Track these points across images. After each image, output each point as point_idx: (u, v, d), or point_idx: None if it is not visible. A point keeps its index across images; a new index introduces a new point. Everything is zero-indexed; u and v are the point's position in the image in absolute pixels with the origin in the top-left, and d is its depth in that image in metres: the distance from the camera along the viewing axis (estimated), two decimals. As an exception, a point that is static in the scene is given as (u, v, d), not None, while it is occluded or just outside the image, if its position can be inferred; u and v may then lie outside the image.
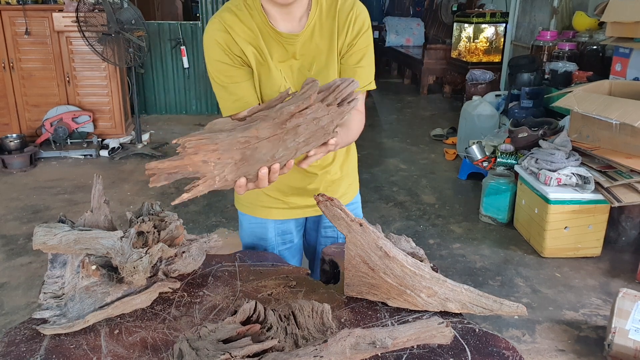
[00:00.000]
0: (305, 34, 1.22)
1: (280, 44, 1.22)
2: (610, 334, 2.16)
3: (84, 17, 4.39)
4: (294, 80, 1.26)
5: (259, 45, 1.22)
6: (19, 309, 2.52)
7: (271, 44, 1.22)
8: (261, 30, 1.21)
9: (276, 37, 1.21)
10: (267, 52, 1.22)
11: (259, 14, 1.21)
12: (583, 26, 4.66)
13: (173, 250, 1.10)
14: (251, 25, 1.21)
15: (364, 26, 1.24)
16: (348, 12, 1.23)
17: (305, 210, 1.47)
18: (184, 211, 3.65)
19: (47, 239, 1.05)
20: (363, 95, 1.30)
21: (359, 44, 1.25)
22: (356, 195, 1.55)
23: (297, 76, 1.26)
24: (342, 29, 1.23)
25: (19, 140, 4.54)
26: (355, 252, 1.06)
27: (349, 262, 1.08)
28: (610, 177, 2.91)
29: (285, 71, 1.25)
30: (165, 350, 0.94)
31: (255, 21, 1.21)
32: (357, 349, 0.82)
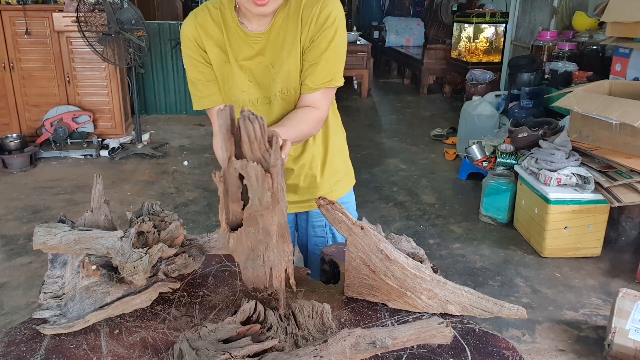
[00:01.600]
0: (271, 32, 1.23)
1: (247, 43, 1.24)
2: (610, 334, 2.16)
3: (84, 17, 4.39)
4: (260, 76, 1.27)
5: (224, 45, 1.24)
6: (19, 309, 2.52)
7: (238, 43, 1.24)
8: (229, 29, 1.24)
9: (243, 37, 1.23)
10: (233, 52, 1.24)
11: (230, 13, 1.23)
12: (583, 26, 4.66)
13: (173, 250, 1.10)
14: (219, 24, 1.24)
15: (329, 20, 1.20)
16: (312, 7, 1.21)
17: (292, 206, 1.47)
18: (184, 211, 3.65)
19: (47, 239, 1.05)
20: (323, 92, 1.26)
21: (321, 38, 1.21)
22: (347, 193, 1.53)
23: (263, 73, 1.27)
24: (305, 23, 1.22)
25: (19, 140, 4.54)
26: (356, 254, 1.06)
27: (349, 264, 1.08)
28: (610, 177, 2.91)
29: (252, 69, 1.26)
30: (165, 350, 0.94)
31: (225, 20, 1.24)
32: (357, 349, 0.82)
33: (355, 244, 1.05)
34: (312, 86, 1.24)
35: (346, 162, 1.54)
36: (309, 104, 1.26)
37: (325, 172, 1.45)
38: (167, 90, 6.46)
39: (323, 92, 1.26)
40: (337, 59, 1.24)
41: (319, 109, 1.26)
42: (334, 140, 1.46)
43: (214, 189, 4.16)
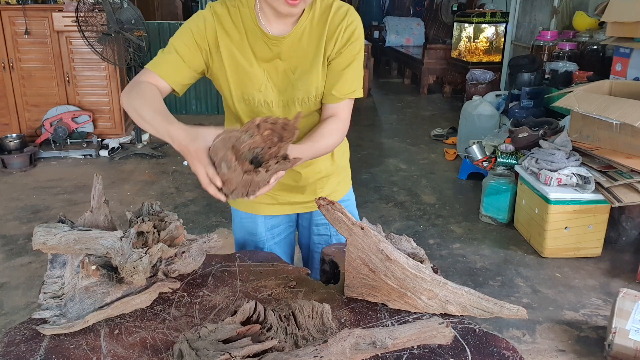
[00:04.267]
0: (292, 37, 1.22)
1: (266, 45, 1.22)
2: (611, 334, 2.16)
3: (84, 17, 4.39)
4: (278, 80, 1.26)
5: (242, 44, 1.23)
6: (19, 309, 2.52)
7: (257, 43, 1.23)
8: (247, 28, 1.22)
9: (262, 37, 1.22)
10: (251, 51, 1.23)
11: (250, 12, 1.22)
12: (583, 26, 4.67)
13: (173, 250, 1.10)
14: (238, 23, 1.22)
15: (354, 35, 1.24)
16: (340, 21, 1.23)
17: (295, 206, 1.47)
18: (184, 211, 3.64)
19: (47, 239, 1.05)
20: (346, 103, 1.28)
21: (347, 52, 1.24)
22: (348, 192, 1.54)
23: (282, 78, 1.26)
24: (332, 36, 1.23)
25: (18, 140, 4.54)
26: (356, 254, 1.06)
27: (349, 264, 1.08)
28: (611, 177, 2.91)
29: (269, 71, 1.25)
30: (165, 350, 0.94)
31: (243, 19, 1.22)
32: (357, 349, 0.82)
33: (355, 244, 1.05)
34: (338, 96, 1.25)
35: (347, 161, 1.55)
36: (332, 113, 1.27)
37: (332, 172, 1.46)
38: (167, 90, 6.45)
39: (346, 102, 1.28)
40: (360, 72, 1.28)
41: (341, 119, 1.28)
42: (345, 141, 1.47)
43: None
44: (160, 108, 1.10)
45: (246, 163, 0.94)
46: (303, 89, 1.25)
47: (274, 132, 0.94)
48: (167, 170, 4.57)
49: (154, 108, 1.10)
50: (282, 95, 1.27)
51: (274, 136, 0.95)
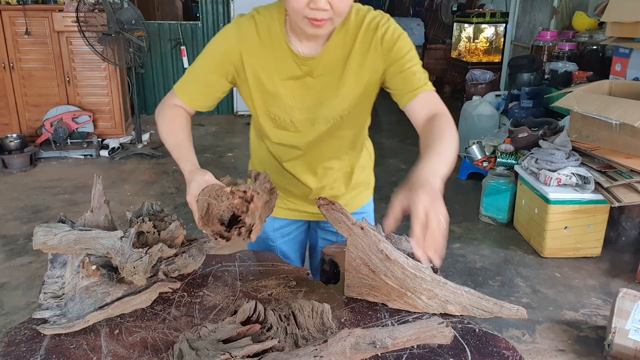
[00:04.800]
0: (323, 57, 1.17)
1: (295, 64, 1.18)
2: (610, 334, 2.16)
3: (84, 17, 4.39)
4: (306, 98, 1.21)
5: (267, 64, 1.18)
6: (19, 309, 2.52)
7: (286, 61, 1.18)
8: (276, 46, 1.17)
9: (292, 56, 1.18)
10: (278, 70, 1.19)
11: (280, 29, 1.16)
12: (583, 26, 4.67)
13: (173, 250, 1.10)
14: (266, 41, 1.17)
15: (393, 38, 1.16)
16: (372, 36, 1.17)
17: (303, 214, 1.47)
18: (184, 211, 3.65)
19: (47, 239, 1.05)
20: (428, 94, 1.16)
21: (395, 56, 1.16)
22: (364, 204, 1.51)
23: (311, 95, 1.21)
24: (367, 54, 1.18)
25: (19, 140, 4.54)
26: (356, 254, 1.06)
27: (349, 264, 1.08)
28: (610, 177, 2.91)
29: (297, 89, 1.21)
30: (165, 350, 0.94)
31: (272, 36, 1.17)
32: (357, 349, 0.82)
33: (355, 244, 1.05)
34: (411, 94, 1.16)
35: (368, 175, 1.51)
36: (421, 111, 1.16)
37: (347, 191, 1.44)
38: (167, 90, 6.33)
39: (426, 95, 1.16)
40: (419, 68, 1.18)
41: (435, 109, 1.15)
42: (360, 157, 1.43)
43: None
44: (180, 140, 1.19)
45: (216, 224, 1.02)
46: (330, 107, 1.22)
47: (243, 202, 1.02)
48: (167, 170, 4.57)
49: (176, 140, 1.19)
50: (308, 114, 1.23)
51: (243, 205, 1.02)
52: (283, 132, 1.28)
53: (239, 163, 4.73)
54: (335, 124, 1.25)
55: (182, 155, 1.15)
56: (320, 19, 1.04)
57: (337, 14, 1.05)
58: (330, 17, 1.05)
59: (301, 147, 1.30)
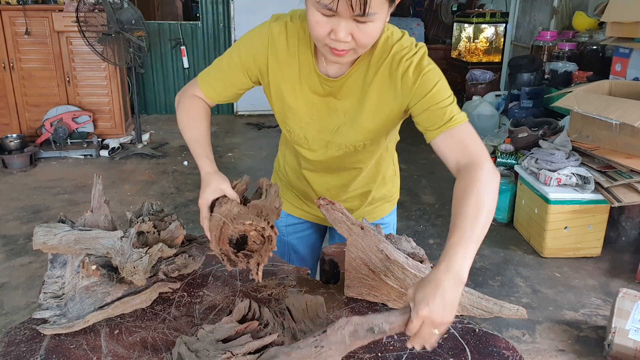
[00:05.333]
0: (346, 80, 1.13)
1: (318, 82, 1.15)
2: (610, 334, 2.16)
3: (84, 17, 4.39)
4: (325, 117, 1.18)
5: (290, 76, 1.16)
6: (19, 309, 2.52)
7: (310, 77, 1.15)
8: (302, 61, 1.14)
9: (315, 75, 1.14)
10: (300, 85, 1.16)
11: (310, 43, 1.12)
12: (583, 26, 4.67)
13: (173, 250, 1.10)
14: (293, 52, 1.14)
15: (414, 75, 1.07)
16: (397, 67, 1.09)
17: (318, 218, 1.46)
18: (184, 211, 3.65)
19: (47, 239, 1.05)
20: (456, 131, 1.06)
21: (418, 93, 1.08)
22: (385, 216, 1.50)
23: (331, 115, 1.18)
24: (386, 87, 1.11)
25: (19, 140, 4.54)
26: (356, 254, 1.06)
27: (349, 264, 1.08)
28: (610, 177, 2.91)
29: (319, 105, 1.17)
30: (166, 350, 0.94)
31: (299, 49, 1.13)
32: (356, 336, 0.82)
33: (355, 244, 1.05)
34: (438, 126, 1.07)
35: (390, 190, 1.49)
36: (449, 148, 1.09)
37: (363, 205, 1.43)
38: (167, 90, 6.47)
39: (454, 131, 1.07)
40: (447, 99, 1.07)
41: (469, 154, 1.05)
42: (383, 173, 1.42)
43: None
44: (200, 134, 1.21)
45: (226, 244, 1.05)
46: (344, 134, 1.18)
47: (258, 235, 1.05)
48: (167, 170, 4.57)
49: (193, 134, 1.21)
50: (323, 134, 1.20)
51: (257, 237, 1.05)
52: (297, 147, 1.28)
53: (239, 163, 4.73)
54: (348, 152, 1.22)
55: (200, 152, 1.18)
56: (342, 49, 1.00)
57: (359, 45, 1.00)
58: (353, 48, 1.00)
59: (314, 164, 1.30)
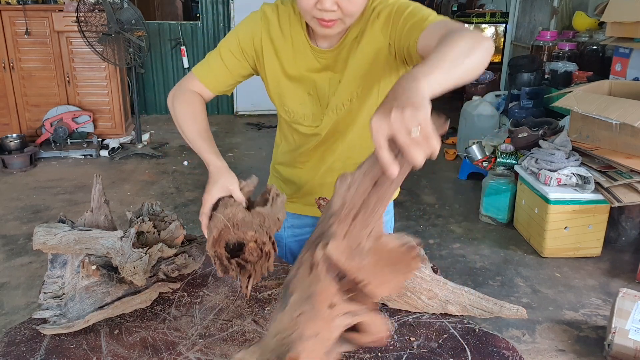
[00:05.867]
0: (339, 50, 1.15)
1: (314, 57, 1.17)
2: (610, 334, 2.16)
3: (84, 17, 4.39)
4: (323, 91, 1.19)
5: (286, 56, 1.18)
6: (19, 309, 2.52)
7: (305, 53, 1.17)
8: (295, 38, 1.17)
9: (309, 49, 1.17)
10: (296, 63, 1.18)
11: (301, 21, 1.15)
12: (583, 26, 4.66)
13: (173, 250, 1.10)
14: (286, 32, 1.17)
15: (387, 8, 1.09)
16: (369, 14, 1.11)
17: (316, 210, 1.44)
18: (184, 211, 3.65)
19: (47, 239, 1.05)
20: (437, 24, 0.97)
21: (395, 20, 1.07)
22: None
23: (327, 87, 1.19)
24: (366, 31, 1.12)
25: (19, 140, 4.54)
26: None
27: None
28: (610, 177, 2.91)
29: (317, 82, 1.19)
30: (166, 350, 0.94)
31: (292, 28, 1.16)
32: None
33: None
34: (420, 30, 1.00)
35: None
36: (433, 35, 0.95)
37: None
38: (167, 90, 6.44)
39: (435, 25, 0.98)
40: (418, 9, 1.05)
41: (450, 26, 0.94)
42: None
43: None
44: (202, 128, 1.16)
45: (222, 247, 1.01)
46: (339, 93, 1.19)
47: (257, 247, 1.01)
48: (167, 170, 4.57)
49: (197, 128, 1.16)
50: (322, 107, 1.21)
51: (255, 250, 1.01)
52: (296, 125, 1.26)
53: (239, 163, 4.73)
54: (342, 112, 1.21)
55: (205, 146, 1.13)
56: (329, 19, 1.03)
57: (346, 14, 1.03)
58: (340, 18, 1.03)
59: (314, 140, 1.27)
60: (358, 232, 0.67)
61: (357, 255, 0.66)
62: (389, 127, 0.64)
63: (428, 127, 0.65)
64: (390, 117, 0.64)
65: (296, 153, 1.34)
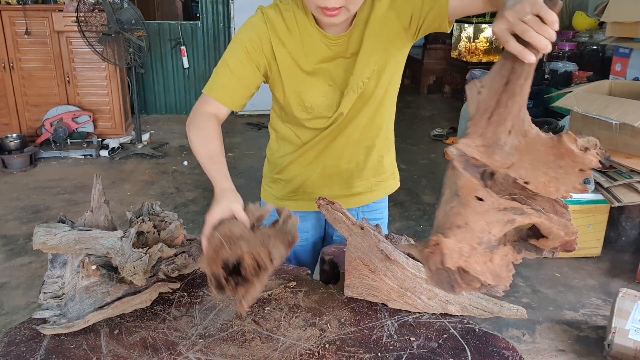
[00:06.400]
0: (351, 35, 1.16)
1: (326, 45, 1.17)
2: (610, 334, 2.16)
3: (84, 17, 4.39)
4: (340, 78, 1.20)
5: (297, 50, 1.17)
6: (19, 309, 2.52)
7: (315, 44, 1.17)
8: (304, 32, 1.17)
9: (321, 38, 1.17)
10: (307, 56, 1.17)
11: (306, 14, 1.16)
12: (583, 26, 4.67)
13: (173, 250, 1.10)
14: (293, 29, 1.17)
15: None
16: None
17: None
18: (184, 211, 3.65)
19: (47, 239, 1.05)
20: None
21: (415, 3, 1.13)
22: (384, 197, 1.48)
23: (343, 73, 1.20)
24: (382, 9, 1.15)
25: (19, 140, 4.54)
26: (356, 254, 1.06)
27: (349, 264, 1.08)
28: (610, 177, 2.91)
29: (332, 71, 1.20)
30: (166, 350, 0.94)
31: (298, 23, 1.16)
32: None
33: (355, 244, 1.05)
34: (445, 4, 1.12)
35: (390, 161, 1.48)
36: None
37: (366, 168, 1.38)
38: (167, 90, 6.46)
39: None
40: None
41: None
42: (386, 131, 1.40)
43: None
44: (213, 152, 1.13)
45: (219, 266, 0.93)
46: (357, 74, 1.19)
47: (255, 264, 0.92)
48: (167, 170, 4.57)
49: (208, 153, 1.13)
50: (342, 94, 1.21)
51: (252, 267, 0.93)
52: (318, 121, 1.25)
53: (239, 163, 4.73)
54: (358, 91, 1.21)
55: (216, 169, 1.09)
56: (332, 7, 1.03)
57: (349, 1, 1.03)
58: (343, 5, 1.04)
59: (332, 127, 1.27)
60: (495, 129, 0.71)
61: (499, 152, 0.70)
62: (507, 23, 0.72)
63: (540, 10, 0.72)
64: (505, 15, 0.73)
65: (301, 150, 1.33)
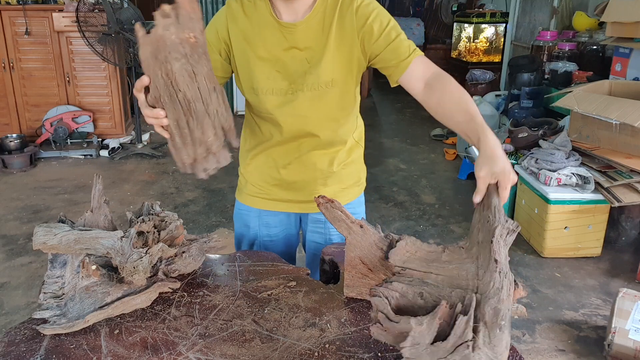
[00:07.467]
0: (305, 24, 1.22)
1: (281, 33, 1.23)
2: (610, 334, 2.16)
3: (84, 17, 4.39)
4: (293, 69, 1.25)
5: (253, 37, 1.24)
6: (19, 309, 2.52)
7: (272, 33, 1.24)
8: (262, 21, 1.24)
9: (277, 26, 1.23)
10: (264, 43, 1.24)
11: (265, 3, 1.23)
12: (583, 26, 4.67)
13: (173, 250, 1.10)
14: (252, 17, 1.24)
15: (367, 11, 1.21)
16: (348, 6, 1.22)
17: (290, 204, 1.45)
18: (184, 211, 3.65)
19: (47, 239, 1.05)
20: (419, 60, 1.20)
21: (375, 29, 1.20)
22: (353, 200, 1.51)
23: (297, 66, 1.25)
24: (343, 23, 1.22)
25: (19, 140, 4.54)
26: (355, 253, 1.06)
27: (349, 264, 1.08)
28: (610, 177, 2.91)
29: (286, 61, 1.25)
30: (166, 350, 0.94)
31: (257, 11, 1.24)
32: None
33: (354, 243, 1.05)
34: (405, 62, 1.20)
35: (356, 169, 1.52)
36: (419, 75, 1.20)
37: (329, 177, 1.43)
38: (167, 90, 6.47)
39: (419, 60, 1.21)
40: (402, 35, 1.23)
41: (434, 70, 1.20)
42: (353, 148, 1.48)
43: (214, 188, 4.17)
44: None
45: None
46: (314, 73, 1.24)
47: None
48: (167, 170, 4.57)
49: None
50: (292, 84, 1.26)
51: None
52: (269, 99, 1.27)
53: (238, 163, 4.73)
54: (317, 90, 1.26)
55: None
56: None
57: None
58: None
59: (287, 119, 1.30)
60: None
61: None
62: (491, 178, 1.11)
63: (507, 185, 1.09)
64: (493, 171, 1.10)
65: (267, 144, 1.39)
